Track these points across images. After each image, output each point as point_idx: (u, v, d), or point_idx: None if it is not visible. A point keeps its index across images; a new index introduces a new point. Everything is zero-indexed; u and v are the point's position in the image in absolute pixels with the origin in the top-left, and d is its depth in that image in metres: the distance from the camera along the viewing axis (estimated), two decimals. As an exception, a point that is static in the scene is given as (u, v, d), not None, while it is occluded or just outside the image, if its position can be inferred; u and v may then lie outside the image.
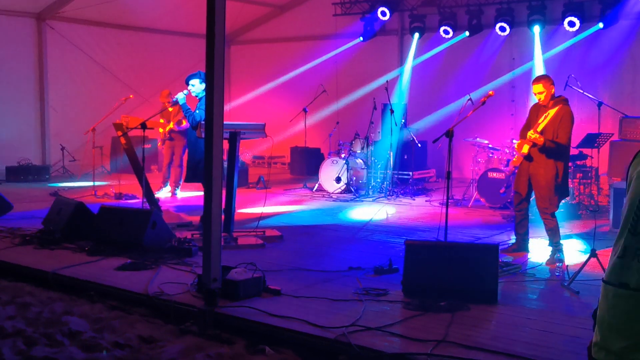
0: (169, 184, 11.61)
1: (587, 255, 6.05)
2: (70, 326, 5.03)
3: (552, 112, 6.67)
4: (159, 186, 11.48)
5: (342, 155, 12.03)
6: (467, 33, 13.41)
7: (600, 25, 11.78)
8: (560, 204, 7.19)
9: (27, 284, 6.28)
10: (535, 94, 6.82)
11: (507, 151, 10.30)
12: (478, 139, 10.99)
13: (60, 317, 5.29)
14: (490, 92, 6.98)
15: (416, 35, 14.28)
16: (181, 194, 11.39)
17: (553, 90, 6.80)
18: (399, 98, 14.62)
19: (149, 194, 8.72)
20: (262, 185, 12.35)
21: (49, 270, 6.34)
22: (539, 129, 6.67)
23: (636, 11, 11.67)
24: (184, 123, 10.44)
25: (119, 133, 9.07)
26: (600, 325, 1.73)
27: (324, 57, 15.60)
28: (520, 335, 4.61)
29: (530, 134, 6.69)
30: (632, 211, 1.69)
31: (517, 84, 13.32)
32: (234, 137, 7.54)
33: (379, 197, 11.49)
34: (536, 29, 12.59)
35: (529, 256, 7.01)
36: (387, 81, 12.19)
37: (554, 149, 6.65)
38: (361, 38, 14.67)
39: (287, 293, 5.56)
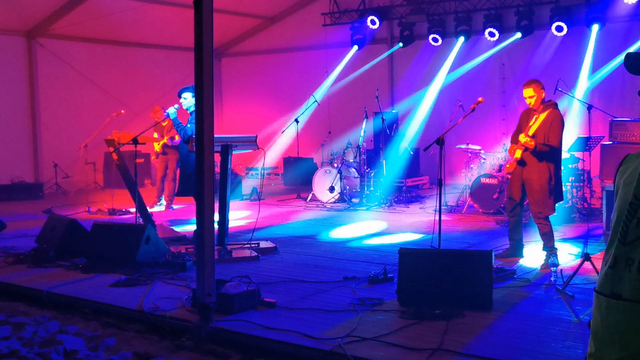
0: (163, 198, 11.60)
1: (581, 259, 6.07)
2: (65, 345, 5.00)
3: (542, 116, 6.71)
4: (153, 200, 11.46)
5: (335, 165, 12.04)
6: (462, 38, 13.42)
7: (596, 27, 11.83)
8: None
9: (21, 303, 6.26)
10: (525, 98, 6.85)
11: (499, 157, 10.32)
12: (470, 145, 11.02)
13: (55, 336, 5.27)
14: (480, 99, 7.01)
15: (401, 44, 14.35)
16: (175, 207, 11.38)
17: (543, 94, 6.83)
18: (390, 106, 14.66)
19: (142, 209, 8.70)
20: (255, 197, 12.34)
21: (43, 288, 6.31)
22: (530, 132, 6.70)
23: (623, 14, 11.76)
24: (177, 138, 10.44)
25: (111, 149, 9.06)
26: (594, 336, 1.71)
27: (319, 69, 15.65)
28: (516, 342, 4.62)
29: (522, 138, 6.72)
30: (621, 220, 1.68)
31: (507, 89, 13.38)
32: (226, 150, 7.54)
33: (373, 206, 11.49)
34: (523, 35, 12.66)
35: (523, 261, 7.01)
36: (377, 90, 12.23)
37: (546, 153, 6.68)
38: (356, 47, 14.69)
39: (283, 305, 5.55)
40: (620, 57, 11.36)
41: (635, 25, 11.86)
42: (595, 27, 11.86)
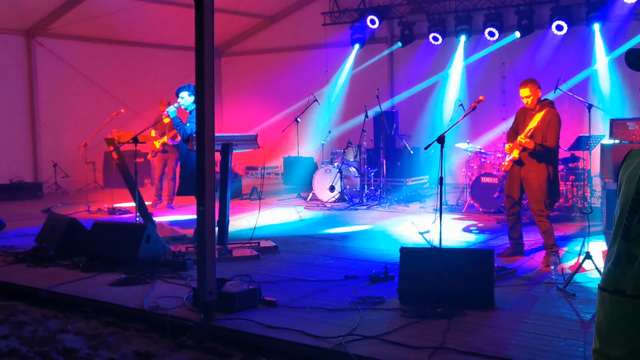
0: (162, 197, 11.58)
1: (582, 257, 6.07)
2: (65, 344, 4.99)
3: (539, 115, 6.70)
4: (152, 199, 11.43)
5: (335, 164, 12.03)
6: (464, 37, 13.41)
7: (597, 27, 11.83)
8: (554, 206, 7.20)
9: (21, 302, 6.24)
10: (522, 98, 6.86)
11: (499, 155, 10.31)
12: (470, 144, 11.01)
13: (55, 335, 5.25)
14: (481, 97, 7.00)
15: (399, 43, 14.34)
16: (175, 206, 11.36)
17: (539, 93, 6.84)
18: (390, 105, 14.66)
19: (142, 208, 8.68)
20: (255, 196, 12.33)
21: (43, 287, 6.30)
22: (528, 133, 6.69)
23: (623, 13, 11.75)
24: (179, 137, 10.41)
25: (111, 148, 9.04)
26: (599, 333, 1.71)
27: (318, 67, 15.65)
28: (517, 340, 4.61)
29: (520, 138, 6.71)
30: (624, 216, 1.67)
31: (507, 88, 13.37)
32: (226, 148, 7.53)
33: (373, 205, 11.48)
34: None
35: (524, 260, 7.00)
36: (377, 89, 12.22)
37: (544, 152, 6.68)
38: (358, 45, 14.67)
39: (283, 304, 5.54)
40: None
41: (634, 24, 11.85)
42: (597, 26, 11.85)
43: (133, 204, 8.69)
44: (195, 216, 5.45)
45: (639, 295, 1.60)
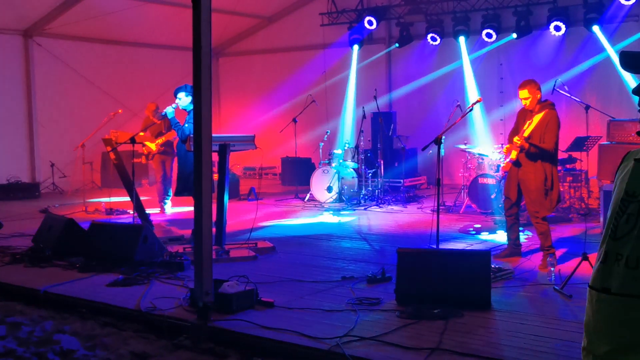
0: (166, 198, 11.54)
1: (579, 258, 6.08)
2: (62, 345, 4.99)
3: (538, 116, 6.70)
4: (155, 201, 11.33)
5: (333, 165, 12.03)
6: (463, 38, 13.43)
7: (596, 28, 11.85)
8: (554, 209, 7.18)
9: (17, 302, 6.23)
10: (521, 100, 6.85)
11: (497, 156, 10.32)
12: (468, 144, 11.02)
13: (52, 335, 5.24)
14: (479, 98, 7.01)
15: (397, 44, 14.35)
16: (172, 207, 11.34)
17: (539, 95, 6.83)
18: (388, 106, 14.67)
19: (139, 208, 8.68)
20: (253, 196, 12.33)
21: (40, 288, 6.28)
22: (525, 134, 6.69)
23: (621, 14, 11.77)
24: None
25: (109, 148, 9.04)
26: (586, 330, 1.76)
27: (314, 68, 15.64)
28: (514, 341, 4.61)
29: (516, 139, 6.72)
30: (613, 216, 1.71)
31: (505, 89, 13.39)
32: (224, 149, 7.53)
33: (371, 206, 11.48)
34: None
35: (521, 261, 7.01)
36: (375, 89, 12.22)
37: (541, 154, 6.68)
38: (357, 46, 14.67)
39: (280, 305, 5.54)
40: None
41: (631, 25, 11.87)
42: (596, 27, 11.86)
43: (130, 203, 8.69)
44: (192, 216, 5.45)
45: (623, 293, 1.64)
